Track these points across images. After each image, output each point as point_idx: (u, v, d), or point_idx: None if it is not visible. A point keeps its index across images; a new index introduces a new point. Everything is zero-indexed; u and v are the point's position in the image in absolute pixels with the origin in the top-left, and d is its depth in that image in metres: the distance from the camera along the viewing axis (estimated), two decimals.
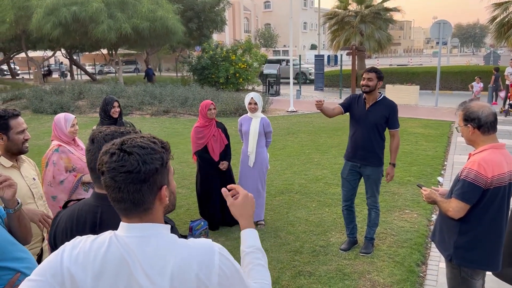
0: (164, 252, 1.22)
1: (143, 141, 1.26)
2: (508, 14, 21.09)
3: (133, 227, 1.24)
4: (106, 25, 17.69)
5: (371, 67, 4.38)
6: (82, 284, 1.20)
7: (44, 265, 1.24)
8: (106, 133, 1.58)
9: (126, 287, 1.21)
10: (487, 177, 2.40)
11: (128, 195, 1.22)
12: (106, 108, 4.80)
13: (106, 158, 1.22)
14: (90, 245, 1.24)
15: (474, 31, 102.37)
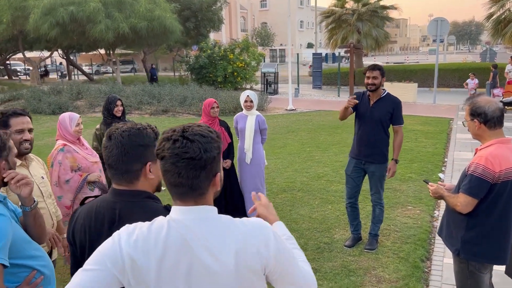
0: (225, 231, 1.29)
1: (202, 130, 1.32)
2: (504, 11, 21.20)
3: (190, 210, 1.30)
4: (104, 25, 17.62)
5: (374, 65, 4.39)
6: (145, 268, 1.25)
7: (100, 254, 1.27)
8: (123, 129, 1.58)
9: (188, 267, 1.26)
10: (495, 172, 2.42)
11: (187, 180, 1.28)
12: (109, 107, 4.81)
13: (169, 144, 1.27)
14: (148, 231, 1.29)
15: (470, 28, 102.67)
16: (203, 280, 1.27)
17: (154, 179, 1.63)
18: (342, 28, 24.91)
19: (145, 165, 1.59)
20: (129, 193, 1.59)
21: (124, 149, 1.55)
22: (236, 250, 1.27)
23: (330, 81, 23.59)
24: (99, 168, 4.31)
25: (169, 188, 1.33)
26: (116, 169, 1.58)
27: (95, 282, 1.23)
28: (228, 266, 1.27)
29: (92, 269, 1.25)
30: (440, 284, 3.89)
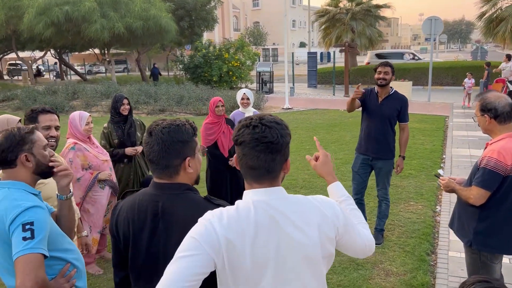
0: (305, 207, 1.44)
1: (276, 118, 1.44)
2: (496, 10, 21.44)
3: (271, 191, 1.42)
4: (99, 25, 17.59)
5: (386, 61, 4.50)
6: (240, 247, 1.34)
7: (195, 239, 1.34)
8: (163, 126, 1.63)
9: (278, 242, 1.38)
10: (507, 165, 2.52)
11: (265, 163, 1.40)
12: (116, 106, 4.84)
13: (248, 130, 1.40)
14: (236, 213, 1.38)
15: (460, 27, 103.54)
16: (292, 253, 1.39)
17: (193, 173, 1.69)
18: (336, 27, 25.01)
19: (184, 160, 1.64)
20: (170, 186, 1.65)
21: (164, 145, 1.60)
22: (318, 223, 1.43)
23: (325, 80, 23.71)
24: (109, 166, 4.36)
25: (246, 171, 1.43)
26: (157, 164, 1.63)
27: (195, 266, 1.31)
28: (314, 238, 1.41)
29: (190, 255, 1.32)
30: (446, 277, 4.00)
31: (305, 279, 1.44)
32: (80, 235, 3.13)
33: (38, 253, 1.70)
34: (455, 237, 4.50)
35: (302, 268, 1.42)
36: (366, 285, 3.89)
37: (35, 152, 1.94)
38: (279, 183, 1.46)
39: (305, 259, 1.42)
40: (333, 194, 1.72)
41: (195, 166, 1.69)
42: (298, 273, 1.42)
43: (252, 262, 1.36)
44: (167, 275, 1.31)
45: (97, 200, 4.21)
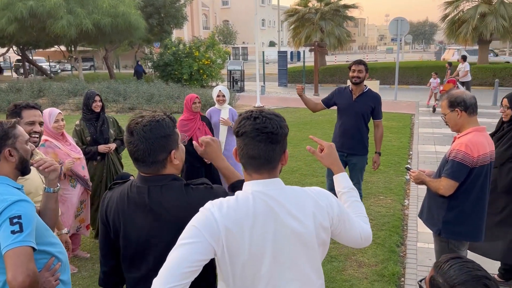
0: (301, 198, 1.51)
1: (275, 112, 1.50)
2: (458, 12, 22.25)
3: (269, 182, 1.49)
4: (66, 21, 17.13)
5: (360, 60, 4.64)
6: (239, 235, 1.42)
7: (196, 227, 1.39)
8: (144, 124, 1.63)
9: (275, 230, 1.45)
10: (473, 157, 2.67)
11: (264, 152, 1.46)
12: (87, 103, 4.78)
13: (250, 121, 1.47)
14: (236, 203, 1.45)
15: (424, 28, 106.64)
16: (289, 241, 1.46)
17: (179, 164, 1.72)
18: (306, 27, 25.32)
19: (170, 153, 1.67)
20: (156, 178, 1.68)
21: (148, 143, 1.61)
22: (313, 212, 1.50)
23: (295, 79, 23.97)
24: (82, 164, 4.30)
25: (246, 161, 1.49)
26: (143, 162, 1.65)
27: (196, 253, 1.37)
28: (310, 227, 1.48)
29: (191, 242, 1.38)
30: (415, 266, 4.17)
31: (302, 266, 1.51)
32: (60, 232, 3.09)
33: (28, 246, 1.69)
34: (423, 229, 4.71)
35: (298, 256, 1.49)
36: (340, 276, 4.01)
37: (18, 147, 1.93)
38: (277, 174, 1.53)
39: (301, 247, 1.49)
40: (338, 184, 1.81)
41: (180, 157, 1.72)
42: (295, 261, 1.49)
43: (250, 250, 1.43)
44: (169, 261, 1.36)
45: (67, 198, 4.14)
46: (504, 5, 20.67)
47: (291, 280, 1.50)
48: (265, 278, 1.47)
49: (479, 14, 20.74)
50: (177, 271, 1.33)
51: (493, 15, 20.48)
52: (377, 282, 3.89)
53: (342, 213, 1.58)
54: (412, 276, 3.98)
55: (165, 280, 1.32)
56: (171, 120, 1.70)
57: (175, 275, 1.32)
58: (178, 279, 1.32)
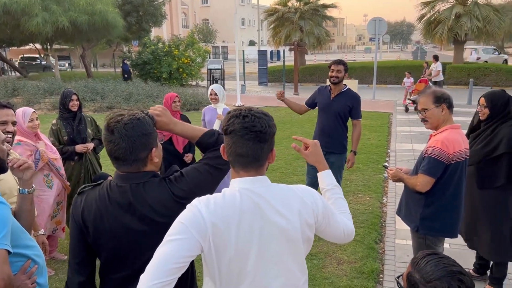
0: (287, 195, 1.54)
1: (263, 111, 1.54)
2: (435, 13, 22.68)
3: (256, 179, 1.51)
4: (41, 18, 16.72)
5: (339, 59, 4.68)
6: (225, 232, 1.44)
7: (183, 224, 1.42)
8: (125, 122, 1.61)
9: (261, 227, 1.48)
10: (449, 153, 2.73)
11: (253, 151, 1.48)
12: (64, 102, 4.69)
13: (239, 120, 1.48)
14: (223, 200, 1.47)
15: (402, 28, 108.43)
16: (275, 238, 1.50)
17: (158, 161, 1.72)
18: (285, 26, 25.40)
19: (150, 151, 1.67)
20: (136, 176, 1.67)
21: (130, 141, 1.60)
22: (298, 209, 1.53)
23: (275, 78, 24.04)
24: (59, 165, 4.22)
25: (234, 159, 1.51)
26: (124, 160, 1.64)
27: (183, 250, 1.38)
28: (295, 223, 1.52)
29: (178, 239, 1.39)
30: (394, 263, 4.24)
31: (287, 263, 1.54)
32: (36, 233, 3.03)
33: (3, 249, 1.64)
34: (401, 226, 4.79)
35: (284, 252, 1.52)
36: (320, 273, 4.04)
37: None
38: (264, 172, 1.56)
39: (287, 244, 1.52)
40: (323, 181, 1.84)
41: (159, 155, 1.73)
42: (281, 257, 1.52)
43: (236, 246, 1.45)
44: (156, 258, 1.37)
45: (43, 200, 4.06)
46: (478, 6, 21.17)
47: (276, 276, 1.53)
48: (251, 274, 1.50)
49: (454, 15, 21.18)
50: (164, 267, 1.34)
51: (468, 16, 20.95)
52: (356, 279, 3.94)
53: (326, 210, 1.62)
54: (391, 273, 4.05)
55: (153, 276, 1.33)
56: (151, 118, 1.70)
57: (162, 271, 1.34)
58: (165, 275, 1.34)
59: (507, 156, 3.23)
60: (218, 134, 1.79)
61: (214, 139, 1.77)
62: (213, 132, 1.80)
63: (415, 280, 1.43)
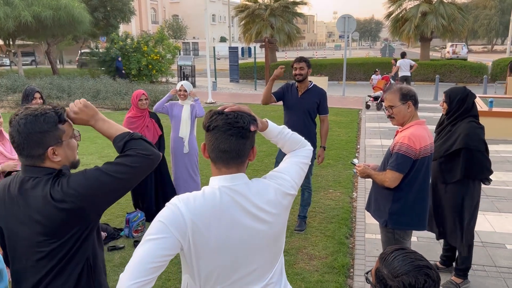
0: (264, 188, 1.58)
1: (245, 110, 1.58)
2: (402, 10, 23.20)
3: (234, 177, 1.53)
4: (2, 13, 16.08)
5: (300, 57, 4.68)
6: (205, 230, 1.44)
7: (162, 223, 1.42)
8: (21, 117, 1.59)
9: (241, 224, 1.50)
10: (416, 149, 2.77)
11: (235, 146, 1.50)
12: (26, 100, 4.54)
13: (221, 116, 1.51)
14: (202, 198, 1.48)
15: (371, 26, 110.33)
16: (256, 234, 1.53)
17: (62, 160, 1.65)
18: (256, 22, 25.40)
19: (46, 150, 1.61)
20: (31, 169, 1.63)
21: (21, 137, 1.58)
22: (278, 200, 1.59)
23: (246, 75, 24.00)
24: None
25: (217, 155, 1.53)
26: (20, 154, 1.62)
27: (162, 249, 1.38)
28: (277, 217, 1.57)
29: (158, 238, 1.39)
30: (364, 257, 4.29)
31: (266, 256, 1.59)
32: None
33: None
34: (370, 221, 4.87)
35: (264, 248, 1.57)
36: (292, 269, 4.05)
37: None
38: (244, 169, 1.58)
39: (268, 239, 1.57)
40: (273, 129, 1.77)
41: (63, 154, 1.65)
42: (260, 252, 1.57)
43: (216, 244, 1.47)
44: (135, 257, 1.37)
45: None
46: (443, 5, 21.78)
47: (256, 269, 1.58)
48: (231, 272, 1.53)
49: (421, 13, 21.72)
50: (144, 267, 1.35)
51: (433, 14, 21.53)
52: (327, 274, 3.97)
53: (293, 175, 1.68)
54: (361, 267, 4.10)
55: (132, 276, 1.33)
56: (57, 115, 1.62)
57: (142, 270, 1.34)
58: (145, 274, 1.34)
59: (465, 151, 3.33)
60: (129, 139, 1.67)
61: (122, 144, 1.66)
62: (124, 136, 1.68)
63: (383, 275, 1.45)
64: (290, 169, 1.71)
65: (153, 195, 5.22)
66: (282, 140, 1.80)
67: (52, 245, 1.58)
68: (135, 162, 1.61)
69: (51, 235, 1.57)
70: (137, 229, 4.85)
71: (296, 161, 1.76)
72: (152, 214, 5.21)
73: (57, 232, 1.57)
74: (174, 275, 3.99)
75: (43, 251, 1.59)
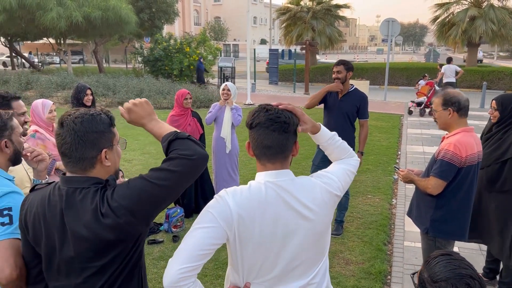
0: (309, 186, 1.61)
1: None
2: (449, 15, 22.50)
3: (280, 173, 1.57)
4: (56, 13, 16.91)
5: (339, 60, 4.66)
6: (250, 223, 1.51)
7: (211, 213, 1.50)
8: (76, 116, 1.52)
9: (286, 219, 1.54)
10: (462, 157, 2.70)
11: (278, 141, 1.55)
12: (78, 96, 4.73)
13: (263, 113, 1.56)
14: (248, 192, 1.54)
15: (415, 30, 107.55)
16: (299, 230, 1.57)
17: (111, 166, 1.59)
18: (297, 25, 25.34)
19: (100, 152, 1.54)
20: (78, 179, 1.53)
21: (77, 136, 1.49)
22: (323, 199, 1.61)
23: (285, 77, 24.01)
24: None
25: (260, 151, 1.58)
26: (69, 157, 1.51)
27: (210, 237, 1.47)
28: (321, 215, 1.60)
29: (206, 227, 1.48)
30: (402, 265, 4.22)
31: (309, 252, 1.62)
32: None
33: (17, 239, 1.67)
34: (410, 228, 4.78)
35: (308, 244, 1.60)
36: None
37: (13, 139, 1.92)
38: (288, 165, 1.62)
39: (312, 236, 1.60)
40: (325, 133, 1.80)
41: (113, 159, 1.59)
42: (303, 248, 1.59)
43: (260, 237, 1.52)
44: (185, 244, 1.46)
45: None
46: (494, 9, 20.95)
47: (298, 266, 1.60)
48: (273, 266, 1.56)
49: (469, 17, 21.00)
50: (193, 253, 1.43)
51: (483, 18, 20.75)
52: (363, 280, 3.93)
53: (340, 178, 1.71)
54: (399, 274, 4.03)
55: (181, 261, 1.42)
56: (108, 118, 1.58)
57: (190, 256, 1.43)
58: (193, 260, 1.43)
59: None
60: (174, 138, 1.56)
61: (166, 144, 1.57)
62: (170, 135, 1.58)
63: (424, 279, 1.43)
64: (338, 172, 1.74)
65: (192, 192, 5.33)
66: (331, 146, 1.82)
67: (103, 260, 1.48)
68: (176, 166, 1.49)
69: (99, 250, 1.47)
70: (176, 225, 4.97)
71: (344, 168, 1.78)
72: (191, 211, 5.34)
73: (106, 247, 1.47)
74: (211, 271, 4.07)
75: (94, 266, 1.49)
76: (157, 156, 8.20)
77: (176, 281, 1.40)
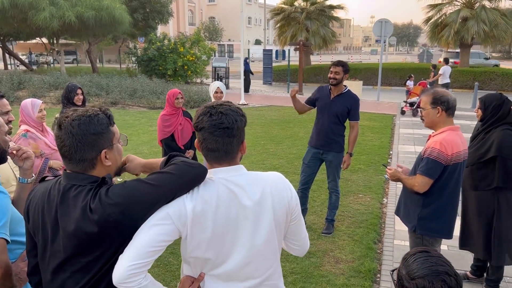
0: (259, 180, 1.62)
1: (231, 106, 1.60)
2: (441, 16, 22.61)
3: (230, 169, 1.60)
4: (48, 13, 16.82)
5: (338, 61, 4.68)
6: (203, 218, 1.52)
7: (166, 211, 1.49)
8: (73, 118, 1.51)
9: (237, 213, 1.57)
10: (448, 155, 2.74)
11: (223, 145, 1.57)
12: (69, 96, 4.73)
13: (207, 118, 1.56)
14: (203, 189, 1.55)
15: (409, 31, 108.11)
16: (249, 223, 1.58)
17: (112, 165, 1.59)
18: (291, 25, 25.35)
19: (100, 152, 1.53)
20: (76, 176, 1.53)
21: (75, 139, 1.48)
22: (271, 193, 1.61)
23: (279, 77, 24.05)
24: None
25: (206, 153, 1.60)
26: (70, 159, 1.52)
27: (161, 234, 1.47)
28: (267, 207, 1.60)
29: (160, 224, 1.48)
30: (391, 263, 4.25)
31: (259, 246, 1.62)
32: None
33: (1, 238, 1.68)
34: (400, 227, 4.81)
35: (258, 237, 1.61)
36: (317, 272, 4.06)
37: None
38: (237, 162, 1.64)
39: (261, 229, 1.60)
40: None
41: (113, 158, 1.59)
42: (253, 242, 1.60)
43: (213, 232, 1.53)
44: (136, 240, 1.45)
45: None
46: (485, 10, 21.08)
47: (250, 260, 1.61)
48: (225, 260, 1.58)
49: (461, 18, 21.10)
50: (143, 250, 1.43)
51: (475, 19, 20.86)
52: (353, 278, 3.96)
53: (298, 208, 1.71)
54: (388, 273, 4.06)
55: (131, 258, 1.42)
56: (107, 117, 1.57)
57: (140, 253, 1.43)
58: (143, 257, 1.43)
59: (500, 159, 3.25)
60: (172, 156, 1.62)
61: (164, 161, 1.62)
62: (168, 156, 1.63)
63: (401, 276, 1.45)
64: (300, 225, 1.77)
65: None
66: None
67: (88, 257, 1.49)
68: (178, 170, 1.51)
69: (85, 246, 1.48)
70: None
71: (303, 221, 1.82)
72: None
73: (91, 242, 1.47)
74: None
75: (80, 262, 1.50)
76: (149, 156, 8.19)
77: (125, 278, 1.41)
